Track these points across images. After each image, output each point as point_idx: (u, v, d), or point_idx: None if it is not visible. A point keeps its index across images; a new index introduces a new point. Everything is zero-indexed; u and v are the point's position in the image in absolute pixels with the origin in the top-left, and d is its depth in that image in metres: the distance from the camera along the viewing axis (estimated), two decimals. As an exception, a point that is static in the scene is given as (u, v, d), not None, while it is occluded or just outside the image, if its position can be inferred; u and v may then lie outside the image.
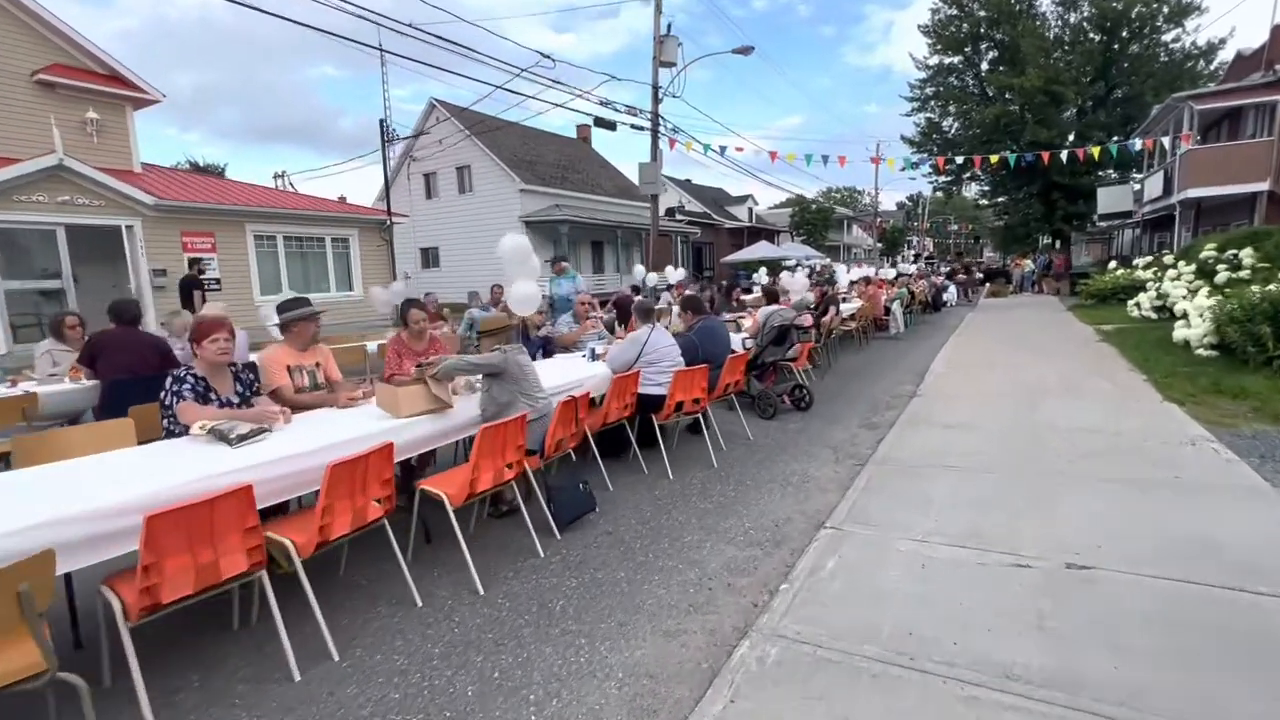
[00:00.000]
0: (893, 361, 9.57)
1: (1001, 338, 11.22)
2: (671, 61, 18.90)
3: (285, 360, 3.69)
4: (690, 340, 5.07)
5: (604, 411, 4.23)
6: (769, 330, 6.11)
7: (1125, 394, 6.27)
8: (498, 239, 20.67)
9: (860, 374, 8.64)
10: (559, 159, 26.13)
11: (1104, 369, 7.57)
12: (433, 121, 23.68)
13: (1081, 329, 11.76)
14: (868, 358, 10.10)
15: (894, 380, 8.03)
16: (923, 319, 16.10)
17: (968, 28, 35.21)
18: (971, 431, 5.30)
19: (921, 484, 4.12)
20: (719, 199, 42.83)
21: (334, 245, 15.60)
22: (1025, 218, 38.29)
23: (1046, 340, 10.45)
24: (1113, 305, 14.89)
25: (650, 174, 19.51)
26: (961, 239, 76.04)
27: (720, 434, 5.37)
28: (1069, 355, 8.75)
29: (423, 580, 3.05)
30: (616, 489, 4.30)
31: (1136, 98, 31.71)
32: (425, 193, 24.60)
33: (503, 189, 22.21)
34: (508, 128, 24.57)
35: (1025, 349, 9.52)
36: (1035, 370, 7.76)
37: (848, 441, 5.34)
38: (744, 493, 4.20)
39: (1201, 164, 18.84)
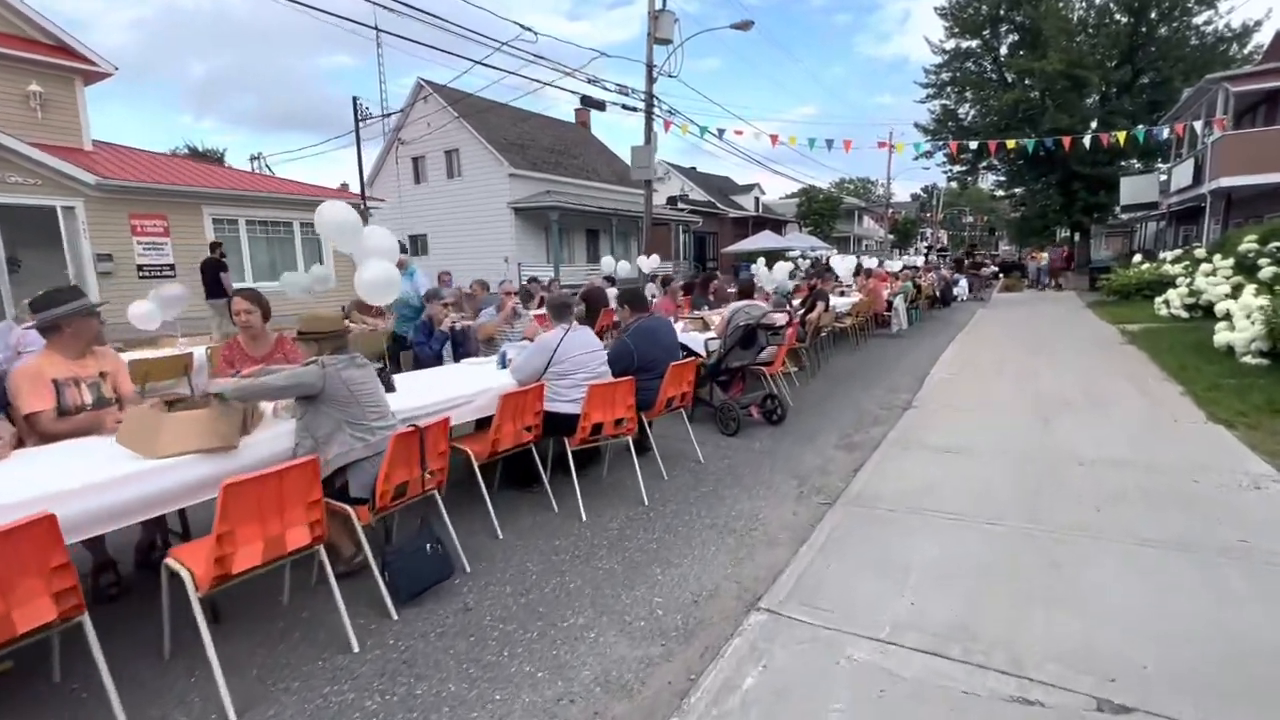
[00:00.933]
0: (890, 363, 8.55)
1: (1014, 337, 10.15)
2: (668, 38, 17.80)
3: (49, 373, 2.78)
4: (624, 345, 4.12)
5: (492, 437, 3.30)
6: (733, 331, 5.14)
7: (1161, 411, 5.24)
8: (487, 226, 19.67)
9: (852, 378, 7.64)
10: (554, 144, 25.10)
11: (1133, 377, 6.52)
12: (420, 103, 22.74)
13: (1104, 328, 10.65)
14: (863, 358, 9.09)
15: (888, 386, 7.03)
16: (930, 315, 15.01)
17: (987, 9, 33.54)
18: (972, 458, 4.31)
19: (900, 539, 3.15)
20: (725, 188, 41.59)
21: (304, 230, 14.73)
22: (1043, 209, 36.71)
23: (1064, 341, 9.38)
24: (1137, 302, 13.71)
25: (643, 158, 18.48)
26: (977, 231, 74.12)
27: (666, 456, 4.43)
28: (1090, 359, 7.69)
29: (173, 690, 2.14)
30: (510, 535, 3.37)
31: (1164, 83, 30.04)
32: (413, 177, 23.70)
33: (491, 173, 21.25)
34: (500, 110, 23.57)
35: (1040, 351, 8.46)
36: (1051, 377, 6.72)
37: (819, 469, 4.37)
38: (669, 545, 3.25)
39: (1236, 151, 17.47)
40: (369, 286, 4.07)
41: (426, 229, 23.58)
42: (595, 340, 3.86)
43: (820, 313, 7.73)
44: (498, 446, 3.33)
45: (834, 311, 8.82)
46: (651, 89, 18.15)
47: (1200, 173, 19.64)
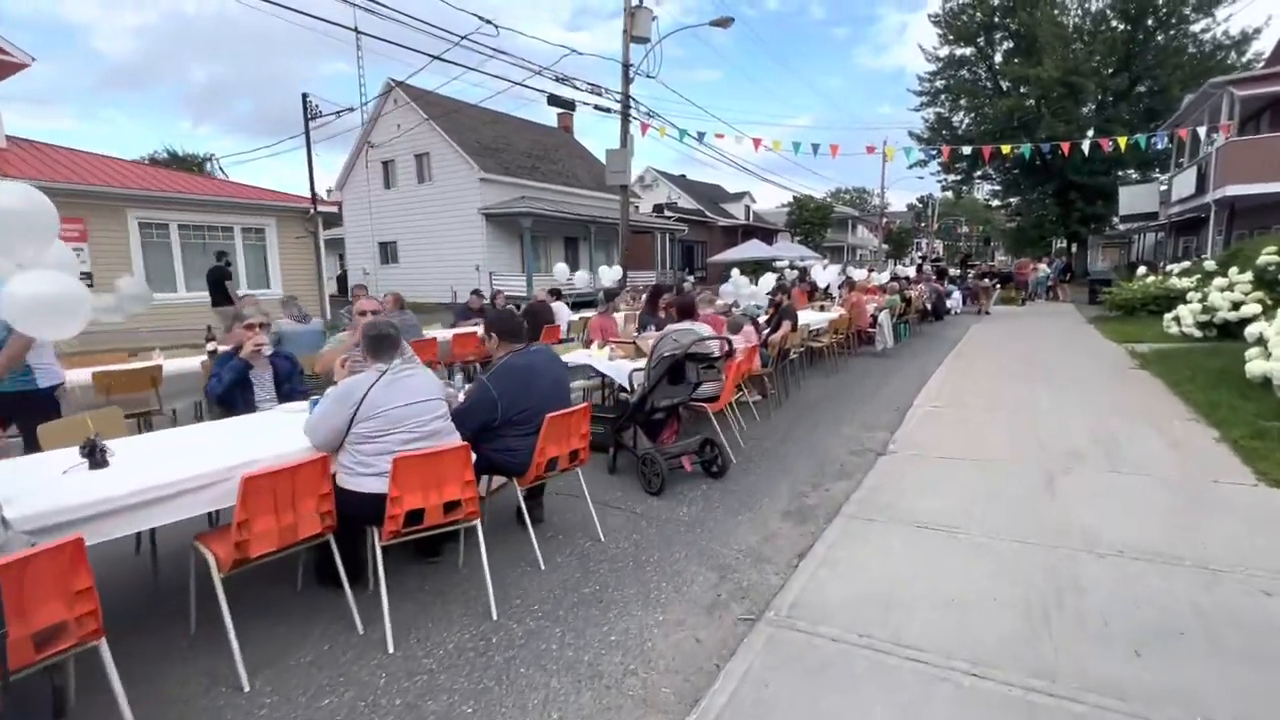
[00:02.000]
0: (870, 390, 7.49)
1: (1011, 358, 9.10)
2: (645, 37, 16.88)
3: None
4: (482, 391, 3.04)
5: (235, 537, 2.21)
6: (657, 363, 4.07)
7: (1194, 466, 4.18)
8: (457, 233, 18.64)
9: (823, 409, 6.57)
10: (532, 148, 24.15)
11: (1152, 415, 5.46)
12: (390, 104, 21.77)
13: (1109, 349, 9.62)
14: (841, 383, 8.02)
15: (863, 421, 5.96)
16: (920, 330, 13.99)
17: (981, 16, 32.93)
18: (953, 543, 3.24)
19: (839, 701, 2.07)
20: (715, 196, 40.72)
21: (246, 236, 13.67)
22: (1039, 219, 35.97)
23: (1067, 364, 8.33)
24: (1143, 318, 12.70)
25: (618, 161, 17.50)
26: (972, 242, 73.44)
27: (562, 530, 3.36)
28: (1099, 390, 6.64)
29: None
30: (268, 678, 2.28)
31: (1161, 91, 29.34)
32: (384, 182, 22.70)
33: (461, 178, 20.25)
34: (473, 113, 22.63)
35: (1040, 377, 7.41)
36: (1054, 414, 5.66)
37: (752, 553, 3.29)
38: (493, 703, 2.16)
39: (1242, 158, 16.58)
40: (24, 308, 2.52)
41: (396, 236, 22.56)
42: (432, 386, 2.78)
43: (786, 333, 6.67)
44: (248, 551, 2.24)
45: (806, 330, 7.77)
46: (628, 89, 17.23)
47: (1204, 181, 18.75)
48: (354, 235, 23.98)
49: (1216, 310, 9.66)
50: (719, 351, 4.19)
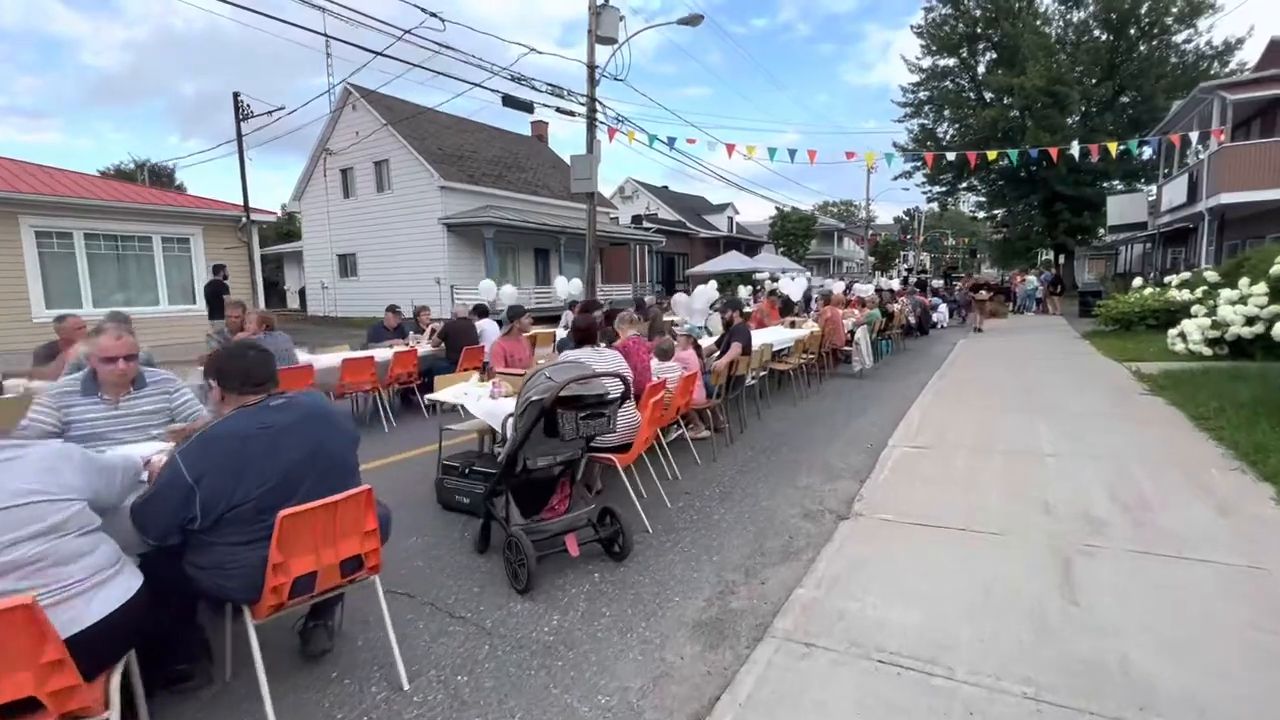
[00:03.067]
0: (840, 422, 6.39)
1: (1002, 382, 8.04)
2: (611, 37, 15.93)
3: None
4: (172, 475, 1.88)
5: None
6: (523, 408, 2.94)
7: (1264, 548, 3.08)
8: (418, 244, 17.43)
9: (780, 449, 5.46)
10: (501, 156, 23.12)
11: (1182, 461, 4.39)
12: (349, 110, 20.70)
13: (1110, 370, 8.60)
14: (808, 412, 6.92)
15: (826, 467, 4.86)
16: (903, 346, 12.98)
17: (963, 27, 32.57)
18: (927, 701, 2.10)
19: None
20: (698, 208, 39.93)
21: (167, 247, 12.45)
22: (1026, 230, 35.44)
23: (1066, 389, 7.28)
24: (1141, 334, 11.77)
25: (584, 168, 16.48)
26: (958, 254, 73.20)
27: (355, 661, 2.20)
28: (1109, 424, 5.56)
29: None
30: None
31: (1146, 101, 28.94)
32: (342, 191, 21.54)
33: (421, 186, 19.14)
34: (440, 120, 21.62)
35: (1037, 407, 6.34)
36: (1060, 460, 4.57)
37: (625, 714, 2.14)
38: None
39: (1236, 164, 15.84)
40: None
41: (355, 248, 21.36)
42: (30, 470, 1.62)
43: (736, 357, 5.56)
44: None
45: (766, 352, 6.67)
46: (594, 91, 16.27)
47: (1195, 189, 18.02)
48: (312, 247, 22.79)
49: (1228, 325, 8.69)
50: (614, 391, 3.05)
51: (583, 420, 2.85)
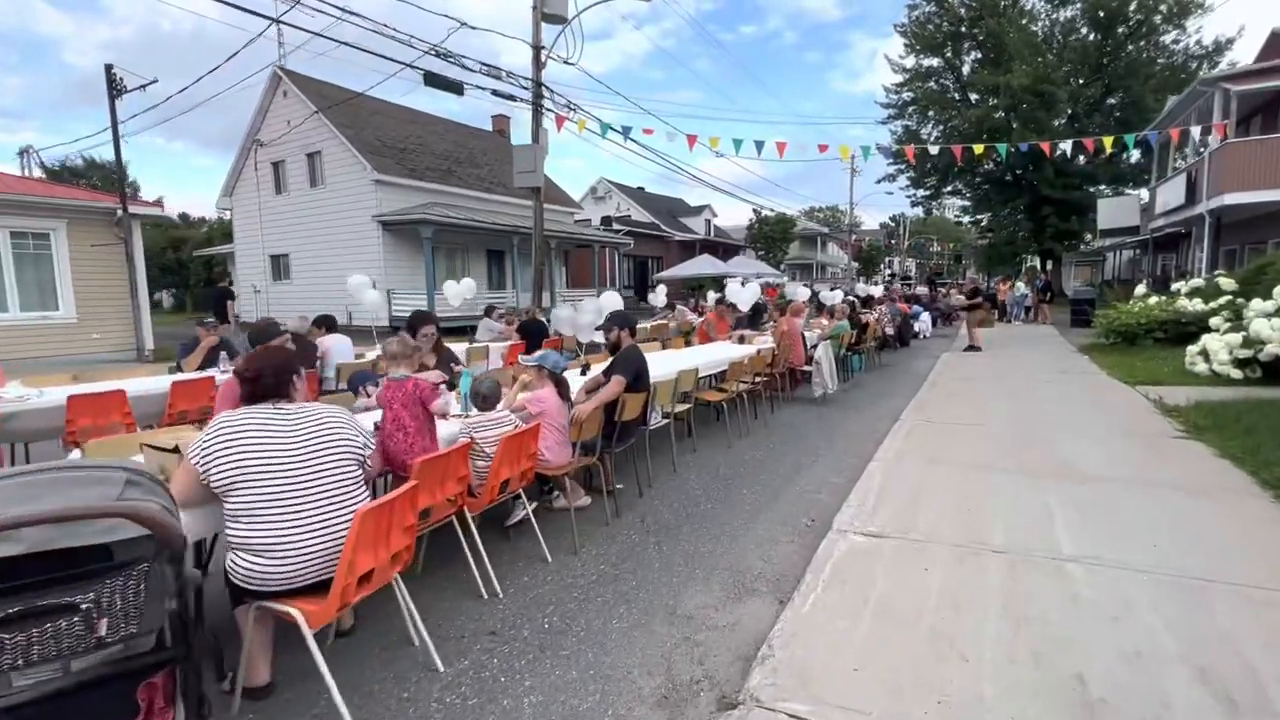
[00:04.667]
0: (779, 480, 4.73)
1: (992, 417, 6.44)
2: (560, 15, 14.30)
3: None
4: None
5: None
6: None
7: None
8: (351, 244, 15.35)
9: (677, 534, 3.77)
10: (453, 150, 21.38)
11: (1272, 556, 2.79)
12: (280, 97, 18.89)
13: (1125, 397, 7.03)
14: (743, 460, 5.26)
15: (733, 573, 3.19)
16: (879, 361, 11.40)
17: (947, 25, 31.42)
18: None
19: None
20: (675, 209, 38.40)
21: (18, 243, 10.59)
22: (1012, 235, 34.30)
23: (1076, 430, 5.67)
24: (1148, 348, 10.29)
25: (527, 160, 14.83)
26: (944, 260, 72.35)
27: None
28: (1153, 498, 3.94)
29: None
30: None
31: (1135, 102, 27.87)
32: (274, 187, 19.69)
33: (355, 180, 17.36)
34: (388, 110, 19.88)
35: (1043, 463, 4.72)
36: (1096, 579, 2.93)
37: None
38: None
39: (1241, 162, 14.48)
40: None
41: (289, 248, 19.50)
42: None
43: (612, 397, 3.85)
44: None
45: (688, 380, 5.00)
46: (539, 75, 14.63)
47: (1194, 190, 16.68)
48: (244, 248, 20.89)
49: (1263, 343, 7.17)
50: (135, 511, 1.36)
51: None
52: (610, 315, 4.24)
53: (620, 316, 4.28)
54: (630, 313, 4.26)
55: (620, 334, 4.24)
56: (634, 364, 3.91)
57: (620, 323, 4.25)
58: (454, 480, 2.77)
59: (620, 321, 4.26)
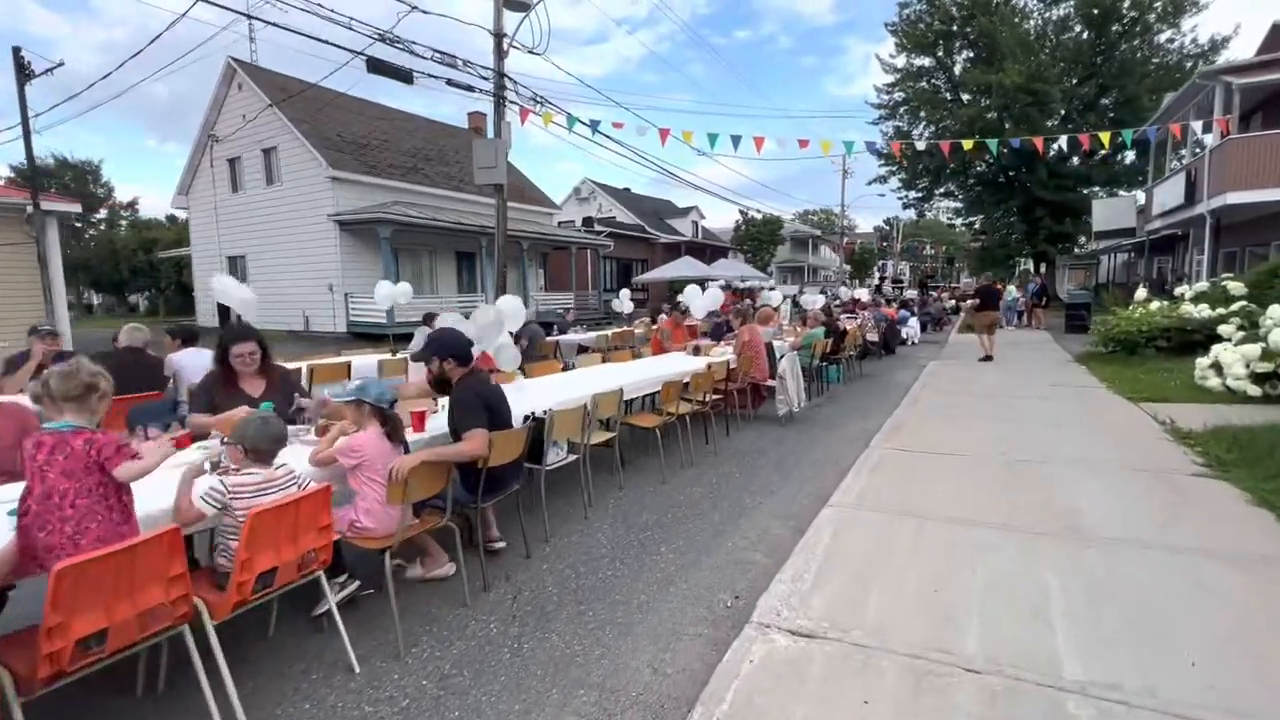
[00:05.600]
0: (714, 529, 3.82)
1: (976, 444, 5.54)
2: (523, 1, 13.40)
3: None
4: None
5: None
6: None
7: None
8: (308, 244, 13.54)
9: (549, 625, 2.83)
10: (421, 147, 20.46)
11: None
12: (235, 90, 17.93)
13: (1130, 418, 6.15)
14: (672, 504, 4.34)
15: (617, 673, 2.26)
16: (860, 371, 10.51)
17: (939, 24, 30.71)
18: None
19: None
20: (661, 211, 37.51)
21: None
22: (1004, 238, 33.62)
23: (1076, 466, 4.77)
24: (1149, 358, 9.44)
25: (488, 155, 13.88)
26: (938, 263, 71.73)
27: None
28: (1182, 571, 3.04)
29: None
30: None
31: (1130, 101, 27.20)
32: (230, 185, 18.71)
33: (310, 177, 16.41)
34: (347, 103, 18.93)
35: (1037, 515, 3.83)
36: (1114, 700, 2.05)
37: None
38: None
39: (1245, 159, 13.69)
40: None
41: (245, 249, 18.52)
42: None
43: (444, 458, 2.89)
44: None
45: (608, 405, 4.09)
46: (501, 65, 13.73)
47: (1195, 189, 15.90)
48: (200, 249, 19.90)
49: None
50: None
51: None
52: (429, 340, 3.16)
53: (442, 342, 3.14)
54: (458, 334, 3.17)
55: (444, 365, 3.09)
56: (476, 404, 2.91)
57: (442, 350, 3.07)
58: (159, 583, 1.84)
59: (442, 349, 3.08)
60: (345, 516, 2.64)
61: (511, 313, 4.55)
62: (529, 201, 23.03)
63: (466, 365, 3.02)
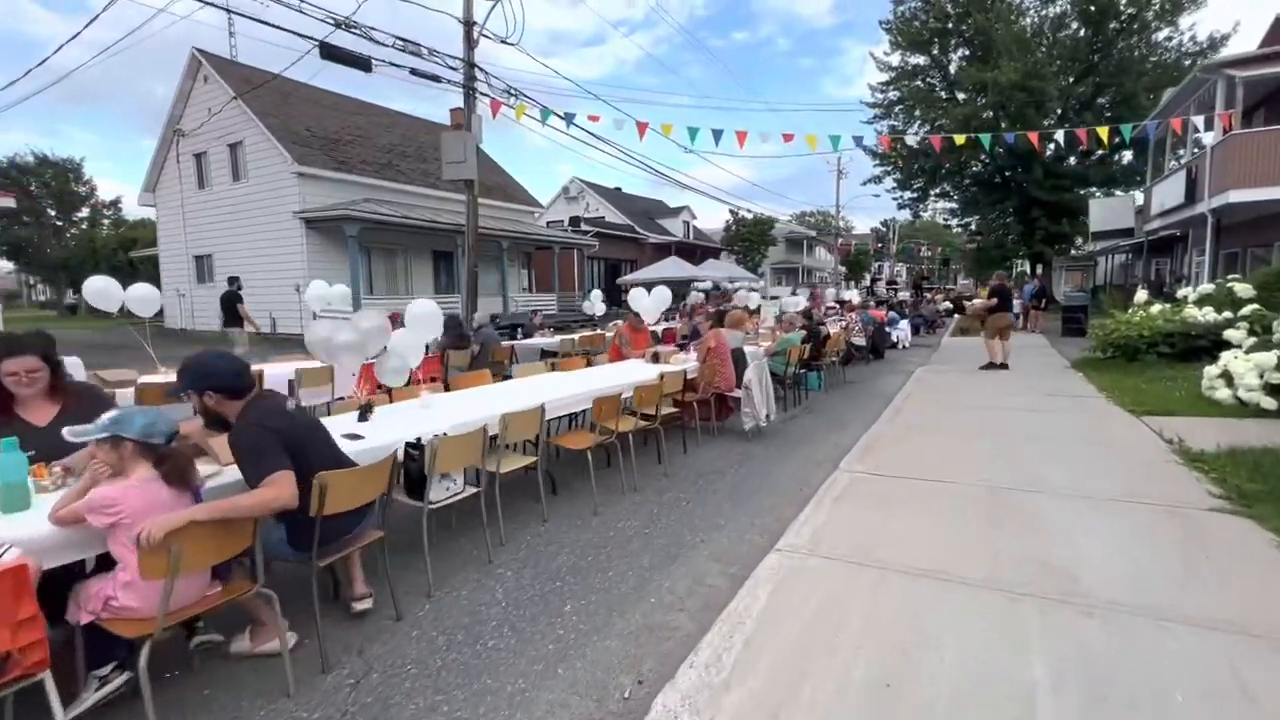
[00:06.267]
0: (637, 580, 3.16)
1: (960, 469, 4.90)
2: (494, -13, 12.79)
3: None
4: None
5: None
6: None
7: None
8: (275, 243, 12.13)
9: (398, 715, 2.20)
10: (398, 143, 19.79)
11: None
12: (200, 83, 17.26)
13: (1134, 435, 5.50)
14: (602, 537, 3.69)
15: None
16: (843, 377, 9.87)
17: (934, 21, 30.16)
18: None
19: None
20: (652, 211, 36.88)
21: None
22: (1000, 239, 33.04)
23: (1073, 500, 4.14)
24: (1150, 364, 8.81)
25: (456, 149, 13.33)
26: (934, 264, 71.21)
27: None
28: (1189, 630, 2.43)
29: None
30: None
31: (1127, 100, 26.65)
32: (197, 181, 18.02)
33: (276, 173, 15.74)
34: (320, 97, 18.27)
35: (1025, 544, 3.21)
36: None
37: None
38: None
39: (1249, 155, 13.09)
40: None
41: (212, 248, 17.82)
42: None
43: (241, 512, 2.23)
44: None
45: (525, 426, 3.44)
46: (471, 55, 13.14)
47: (1195, 187, 15.32)
48: (168, 247, 19.21)
49: (1305, 367, 5.68)
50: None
51: None
52: (181, 368, 2.35)
53: (195, 370, 2.35)
54: (219, 357, 2.42)
55: (204, 400, 2.34)
56: (265, 441, 2.23)
57: (196, 382, 2.31)
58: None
59: (195, 380, 2.32)
60: (100, 592, 1.98)
61: (423, 316, 3.89)
62: (513, 200, 22.38)
63: (238, 396, 2.32)
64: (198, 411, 2.41)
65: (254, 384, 2.39)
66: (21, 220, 39.26)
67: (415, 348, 3.80)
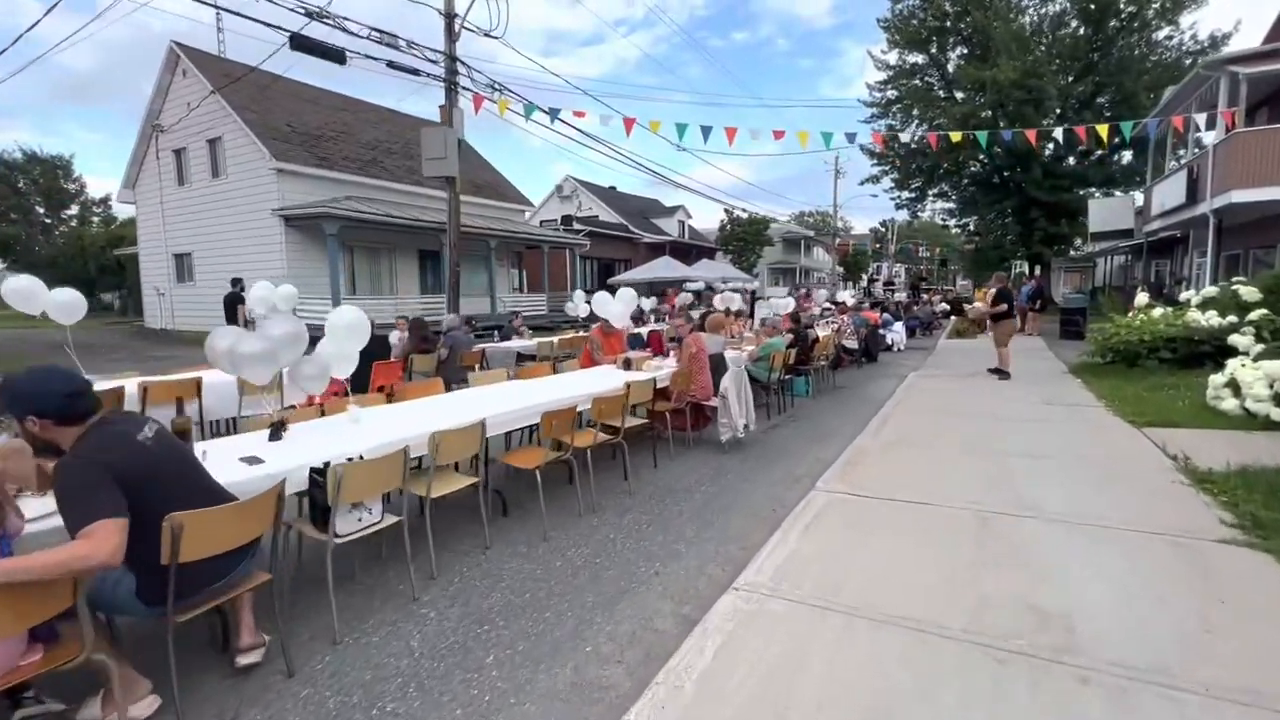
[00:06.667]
0: (575, 623, 2.78)
1: (947, 481, 4.53)
2: (477, -22, 12.42)
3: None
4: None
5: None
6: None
7: None
8: (253, 241, 10.86)
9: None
10: (383, 140, 19.39)
11: None
12: (179, 77, 16.86)
13: (1136, 449, 5.12)
14: (546, 568, 3.31)
15: None
16: (832, 382, 9.50)
17: (932, 20, 29.80)
18: None
19: None
20: (646, 210, 36.49)
21: None
22: (999, 240, 32.69)
23: (1064, 509, 3.77)
24: (1151, 370, 8.44)
25: (437, 144, 12.97)
26: (934, 265, 70.87)
27: None
28: (1205, 708, 2.07)
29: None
30: None
31: (1127, 99, 26.31)
32: (176, 177, 17.61)
33: (255, 169, 15.33)
34: (302, 92, 17.87)
35: (1013, 580, 2.84)
36: None
37: None
38: None
39: (1253, 154, 12.72)
40: None
41: (191, 246, 17.41)
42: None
43: (64, 570, 1.86)
44: None
45: (472, 443, 3.06)
46: (453, 48, 12.78)
47: (1197, 187, 14.97)
48: (147, 245, 18.80)
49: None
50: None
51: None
52: (0, 387, 1.97)
53: (15, 392, 1.96)
54: (48, 376, 2.00)
55: (25, 426, 1.95)
56: (94, 480, 1.84)
57: (15, 406, 1.94)
58: None
59: (14, 403, 1.95)
60: None
61: (350, 325, 3.51)
62: (502, 198, 21.99)
63: (71, 421, 1.94)
64: (24, 439, 2.03)
65: (95, 407, 2.01)
66: (9, 218, 38.85)
67: (343, 357, 3.42)
